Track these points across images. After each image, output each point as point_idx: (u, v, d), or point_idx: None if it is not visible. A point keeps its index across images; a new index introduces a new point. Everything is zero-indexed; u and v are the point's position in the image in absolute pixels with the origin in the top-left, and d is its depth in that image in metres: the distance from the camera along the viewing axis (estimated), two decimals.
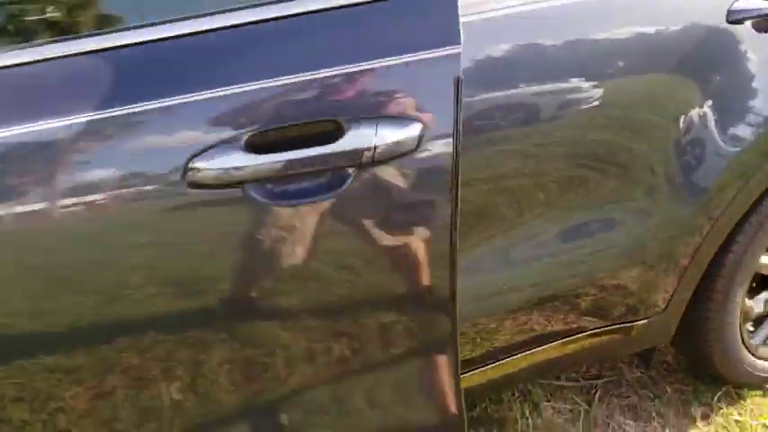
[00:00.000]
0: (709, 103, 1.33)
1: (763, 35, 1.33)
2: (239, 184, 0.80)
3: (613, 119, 1.24)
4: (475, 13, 1.04)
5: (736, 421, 1.62)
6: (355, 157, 0.82)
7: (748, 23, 1.31)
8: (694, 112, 1.32)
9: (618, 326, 1.43)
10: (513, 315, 1.28)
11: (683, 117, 1.32)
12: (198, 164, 0.78)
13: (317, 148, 0.81)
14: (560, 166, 1.21)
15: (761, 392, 1.70)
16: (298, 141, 0.81)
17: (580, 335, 1.37)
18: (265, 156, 0.80)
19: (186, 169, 0.78)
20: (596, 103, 1.20)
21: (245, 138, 0.79)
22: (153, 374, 0.88)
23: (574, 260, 1.30)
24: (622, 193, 1.30)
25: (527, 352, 1.33)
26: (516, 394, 1.75)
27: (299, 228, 0.84)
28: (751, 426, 1.60)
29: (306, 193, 0.83)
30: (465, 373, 1.26)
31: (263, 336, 0.92)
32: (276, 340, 0.92)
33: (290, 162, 0.81)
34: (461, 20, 0.82)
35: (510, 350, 1.31)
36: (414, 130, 0.82)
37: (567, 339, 1.37)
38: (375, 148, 0.81)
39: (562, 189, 1.24)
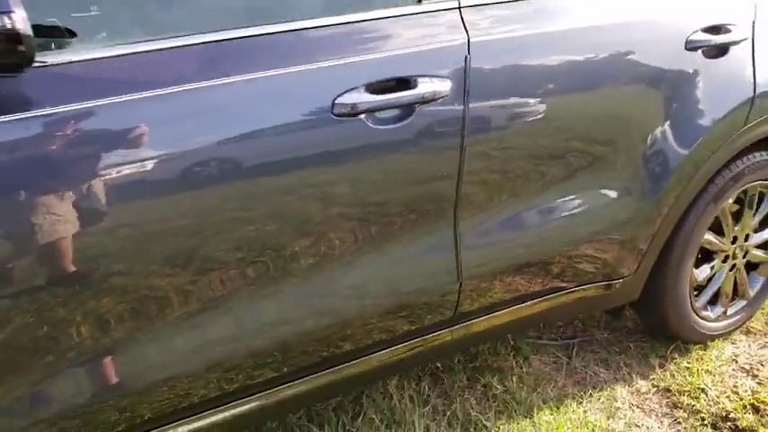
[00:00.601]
0: (667, 116, 1.73)
1: (710, 60, 1.75)
2: (361, 113, 1.20)
3: (601, 121, 1.62)
4: (501, 33, 1.40)
5: (686, 368, 2.03)
6: (419, 99, 1.25)
7: (700, 51, 1.73)
8: (658, 127, 1.72)
9: (604, 282, 1.81)
10: (527, 268, 1.64)
11: (649, 130, 1.71)
12: (339, 101, 1.16)
13: (401, 93, 1.24)
14: (560, 155, 1.58)
15: (703, 346, 2.12)
16: (392, 89, 1.24)
17: (579, 287, 1.75)
18: (375, 96, 1.21)
19: (333, 104, 1.15)
20: (588, 111, 1.58)
21: (364, 85, 1.19)
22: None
23: (573, 227, 1.67)
24: (609, 181, 1.69)
25: (538, 299, 1.69)
26: (509, 349, 2.11)
27: (390, 140, 1.28)
28: (697, 371, 2.01)
29: (395, 120, 1.26)
30: (492, 312, 1.62)
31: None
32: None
33: (388, 100, 1.24)
34: (489, 38, 1.29)
35: (526, 297, 1.67)
36: (446, 85, 1.27)
37: (569, 291, 1.74)
38: (431, 94, 1.26)
39: (563, 172, 1.61)
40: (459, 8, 1.36)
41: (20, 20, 0.81)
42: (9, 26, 0.81)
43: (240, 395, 1.32)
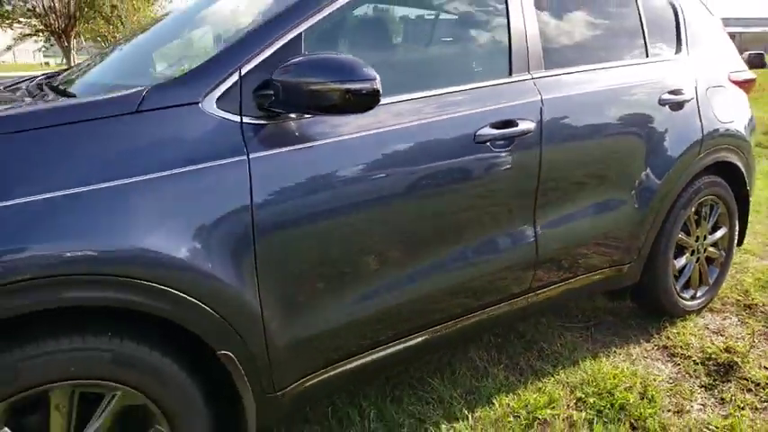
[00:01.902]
0: (649, 153, 2.56)
1: (675, 112, 2.62)
2: (488, 141, 1.90)
3: (614, 162, 2.43)
4: (557, 94, 2.20)
5: (675, 333, 2.79)
6: (519, 133, 1.99)
7: (667, 106, 2.60)
8: (643, 160, 2.54)
9: (615, 267, 2.57)
10: (575, 253, 2.38)
11: (639, 163, 2.53)
12: (478, 133, 1.91)
13: (509, 129, 1.97)
14: (592, 175, 2.37)
15: (683, 319, 2.89)
16: (504, 126, 1.94)
17: (603, 269, 2.50)
18: (495, 130, 1.92)
19: (474, 135, 1.87)
20: (606, 148, 2.39)
21: (490, 124, 1.90)
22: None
23: (601, 224, 2.44)
24: (621, 193, 2.48)
25: (581, 276, 2.43)
26: (548, 328, 2.82)
27: (502, 159, 1.99)
28: (683, 333, 2.77)
29: (504, 146, 1.96)
30: (554, 285, 2.33)
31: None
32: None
33: (503, 134, 1.94)
34: (550, 97, 2.04)
35: (574, 275, 2.40)
36: (532, 125, 1.98)
37: (598, 271, 2.49)
38: (532, 128, 1.97)
39: (594, 187, 2.39)
40: (533, 79, 2.16)
41: (378, 82, 1.52)
42: (376, 87, 1.51)
43: (427, 328, 1.99)
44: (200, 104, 1.53)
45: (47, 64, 55.82)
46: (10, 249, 1.23)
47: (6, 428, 1.31)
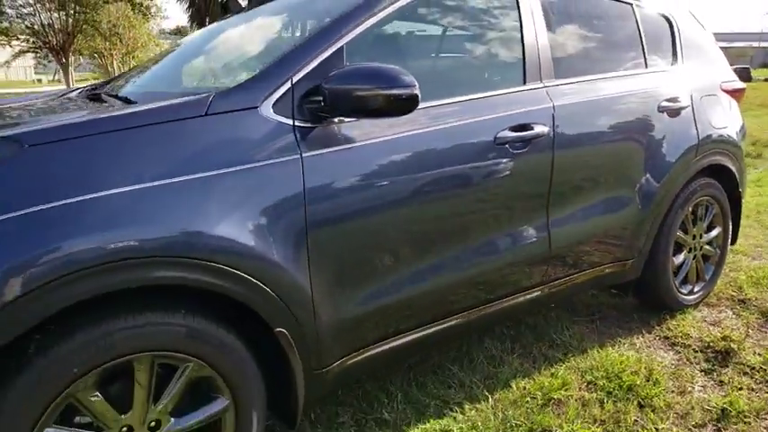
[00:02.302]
0: (649, 156, 2.77)
1: (672, 119, 2.84)
2: (506, 143, 2.10)
3: (618, 164, 2.64)
4: (565, 101, 2.41)
5: (674, 324, 2.99)
6: (534, 136, 2.19)
7: (666, 113, 2.82)
8: (644, 162, 2.75)
9: (620, 262, 2.77)
10: (584, 248, 2.58)
11: (641, 166, 2.74)
12: (498, 135, 2.11)
13: (525, 132, 2.17)
14: (599, 175, 2.57)
15: (682, 312, 3.10)
16: (521, 130, 2.14)
17: (609, 264, 2.70)
18: (513, 133, 2.12)
19: (495, 137, 2.07)
20: (611, 151, 2.60)
21: (509, 127, 2.10)
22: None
23: (607, 221, 2.64)
24: (626, 193, 2.69)
25: (588, 270, 2.62)
26: (556, 320, 3.01)
27: (519, 159, 2.18)
28: (682, 325, 2.97)
29: (520, 148, 2.16)
30: (566, 277, 2.53)
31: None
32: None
33: (520, 136, 2.14)
34: (561, 103, 2.24)
35: (582, 269, 2.60)
36: (546, 129, 2.18)
37: (604, 265, 2.68)
38: (546, 132, 2.16)
39: (602, 187, 2.59)
40: (545, 87, 2.37)
41: (417, 88, 1.72)
42: (415, 92, 1.71)
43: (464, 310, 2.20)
44: (258, 109, 1.72)
45: (39, 81, 55.85)
46: (111, 234, 1.41)
47: (98, 393, 1.48)
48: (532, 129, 2.25)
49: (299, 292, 1.74)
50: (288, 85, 1.78)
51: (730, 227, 3.32)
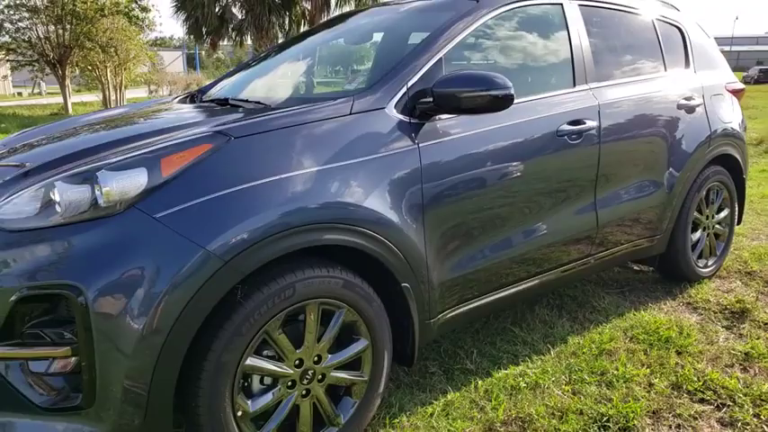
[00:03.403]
0: (672, 146, 3.25)
1: (689, 114, 3.32)
2: (565, 135, 2.57)
3: (648, 154, 3.11)
4: (607, 99, 2.87)
5: (694, 292, 3.46)
6: (587, 129, 2.67)
7: (683, 110, 3.30)
8: (668, 152, 3.22)
9: (649, 238, 3.24)
10: (624, 224, 3.04)
11: (666, 154, 3.21)
12: (559, 128, 2.55)
13: (580, 126, 2.65)
14: (635, 161, 3.03)
15: (699, 283, 3.58)
16: (576, 124, 2.63)
17: (641, 239, 3.16)
18: (570, 126, 2.59)
19: (557, 130, 2.53)
20: (643, 141, 3.07)
21: (567, 122, 2.57)
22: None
23: (640, 202, 3.11)
24: (655, 178, 3.15)
25: (625, 244, 3.08)
26: (592, 292, 3.47)
27: (575, 149, 2.65)
28: (701, 292, 3.45)
29: (576, 139, 2.63)
30: (609, 250, 2.98)
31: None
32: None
33: (576, 129, 2.63)
34: (604, 102, 2.72)
35: (622, 244, 3.06)
36: (595, 123, 2.66)
37: (638, 239, 3.15)
38: (595, 125, 2.64)
39: (637, 171, 3.06)
40: (590, 89, 2.83)
41: (512, 89, 2.16)
42: (511, 93, 2.16)
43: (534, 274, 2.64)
44: (385, 109, 2.15)
45: (19, 94, 55.45)
46: (296, 206, 1.83)
47: (282, 331, 1.90)
48: (584, 123, 2.70)
49: (418, 255, 2.17)
50: (404, 89, 2.21)
51: (736, 208, 3.81)
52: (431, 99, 2.19)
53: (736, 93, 3.83)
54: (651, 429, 2.21)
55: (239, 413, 1.84)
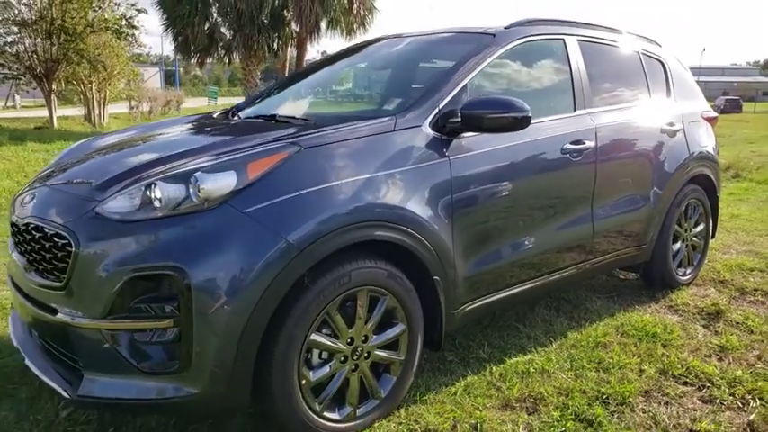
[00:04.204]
0: (657, 166, 3.67)
1: (671, 138, 3.75)
2: (568, 153, 2.98)
3: (637, 172, 3.53)
4: (603, 123, 3.28)
5: (675, 296, 3.87)
6: (585, 148, 3.09)
7: (666, 134, 3.73)
8: (653, 170, 3.65)
9: (636, 247, 3.64)
10: (615, 234, 3.44)
11: (651, 173, 3.63)
12: (563, 147, 2.97)
13: (579, 146, 3.06)
14: (626, 177, 3.45)
15: (678, 289, 3.99)
16: (577, 143, 3.03)
17: (629, 248, 3.56)
18: (572, 145, 3.00)
19: (561, 149, 2.93)
20: (632, 160, 3.49)
21: (570, 141, 2.98)
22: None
23: (631, 214, 3.51)
24: (643, 193, 3.57)
25: (615, 252, 3.48)
26: (584, 296, 3.85)
27: (575, 165, 3.05)
28: (681, 296, 3.85)
29: (576, 156, 3.04)
30: (602, 256, 3.37)
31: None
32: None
33: (577, 148, 3.03)
34: (599, 124, 3.13)
35: (613, 252, 3.45)
36: (592, 143, 3.07)
37: (626, 248, 3.55)
38: (592, 146, 3.04)
39: (628, 187, 3.47)
40: (588, 114, 3.24)
41: (530, 112, 2.54)
42: (529, 115, 2.54)
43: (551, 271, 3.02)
44: (422, 127, 2.52)
45: None
46: (355, 206, 2.17)
47: (339, 312, 2.22)
48: (584, 143, 3.10)
49: (447, 253, 2.52)
50: (436, 110, 2.58)
51: (711, 223, 4.25)
52: (459, 119, 2.55)
53: (711, 120, 4.29)
54: (644, 405, 2.58)
55: (303, 382, 2.16)
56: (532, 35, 3.14)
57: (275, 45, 17.03)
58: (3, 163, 9.18)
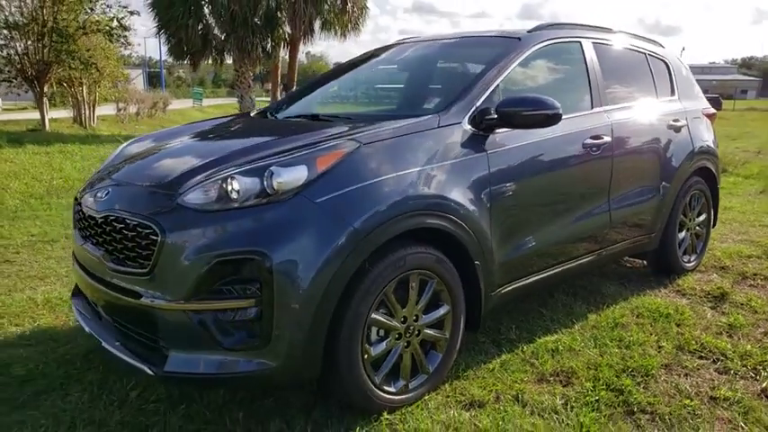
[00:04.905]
0: (665, 159, 3.93)
1: (677, 134, 4.01)
2: (587, 147, 3.23)
3: (647, 165, 3.78)
4: (616, 120, 3.53)
5: (682, 281, 4.13)
6: (604, 143, 3.33)
7: (672, 129, 3.99)
8: (662, 163, 3.91)
9: (647, 236, 3.90)
10: (629, 222, 3.69)
11: (660, 166, 3.89)
12: (584, 142, 3.22)
13: (598, 141, 3.31)
14: (639, 169, 3.70)
15: (684, 275, 4.25)
16: (596, 138, 3.28)
17: (641, 236, 3.82)
18: (592, 140, 3.24)
19: (583, 143, 3.19)
20: (643, 153, 3.74)
21: (590, 136, 3.22)
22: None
23: (643, 204, 3.76)
24: (652, 185, 3.82)
25: (630, 239, 3.73)
26: (596, 282, 4.10)
27: (595, 158, 3.31)
28: (688, 282, 4.12)
29: (596, 150, 3.29)
30: (617, 243, 3.62)
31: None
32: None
33: (596, 143, 3.28)
34: (614, 121, 3.37)
35: (627, 239, 3.70)
36: (609, 138, 3.32)
37: (638, 236, 3.80)
38: (609, 141, 3.30)
39: (640, 179, 3.72)
40: (605, 111, 3.49)
41: (561, 109, 2.77)
42: (560, 112, 2.77)
43: (566, 261, 3.23)
44: (462, 124, 2.74)
45: None
46: (409, 196, 2.38)
47: (393, 294, 2.44)
48: (602, 138, 3.34)
49: (486, 240, 2.74)
50: (474, 108, 2.80)
51: (712, 213, 4.52)
52: (495, 116, 2.77)
53: (711, 117, 4.57)
54: (666, 376, 2.82)
55: (365, 356, 2.37)
56: (553, 38, 3.37)
57: (269, 47, 17.16)
58: (7, 165, 9.26)
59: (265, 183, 2.21)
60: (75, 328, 3.43)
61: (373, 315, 2.36)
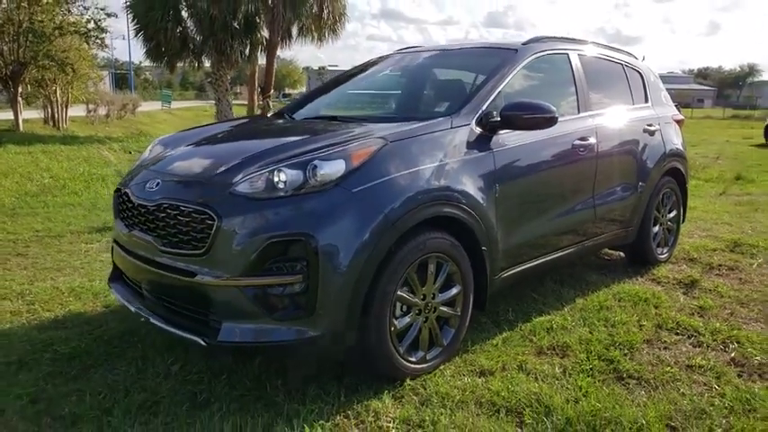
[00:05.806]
0: (641, 160, 4.36)
1: (651, 137, 4.44)
2: (576, 147, 3.61)
3: (626, 165, 4.19)
4: (599, 123, 3.94)
5: (655, 271, 4.56)
6: (589, 144, 3.74)
7: (647, 133, 4.42)
8: (638, 164, 4.33)
9: (625, 229, 4.31)
10: (610, 216, 4.09)
11: (636, 166, 4.32)
12: (574, 143, 3.60)
13: (586, 143, 3.69)
14: (617, 169, 4.10)
15: (657, 266, 4.68)
16: (583, 140, 3.67)
17: (619, 230, 4.22)
18: (580, 141, 3.64)
19: (572, 144, 3.57)
20: (623, 154, 4.15)
21: (578, 137, 3.62)
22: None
23: (622, 200, 4.17)
24: (629, 182, 4.24)
25: (609, 232, 4.13)
26: (579, 272, 4.50)
27: (582, 157, 3.70)
28: (662, 272, 4.55)
29: (583, 151, 3.68)
30: (600, 235, 4.02)
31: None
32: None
33: (583, 144, 3.67)
34: (598, 123, 3.78)
35: (608, 232, 4.11)
36: (594, 139, 3.73)
37: (617, 230, 4.20)
38: (594, 142, 3.69)
39: (620, 177, 4.13)
40: (589, 115, 3.89)
41: (557, 113, 3.14)
42: (556, 115, 3.13)
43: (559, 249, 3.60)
44: (470, 125, 3.09)
45: None
46: (428, 188, 2.72)
47: (415, 274, 2.77)
48: (588, 139, 3.74)
49: (492, 228, 3.09)
50: (480, 111, 3.16)
51: (682, 210, 4.97)
52: (498, 119, 3.13)
53: (679, 122, 5.02)
54: (649, 349, 3.21)
55: (392, 328, 2.69)
56: (545, 50, 3.76)
57: (247, 50, 17.35)
58: None
59: (308, 174, 2.52)
60: (104, 312, 3.68)
61: (399, 292, 2.69)
